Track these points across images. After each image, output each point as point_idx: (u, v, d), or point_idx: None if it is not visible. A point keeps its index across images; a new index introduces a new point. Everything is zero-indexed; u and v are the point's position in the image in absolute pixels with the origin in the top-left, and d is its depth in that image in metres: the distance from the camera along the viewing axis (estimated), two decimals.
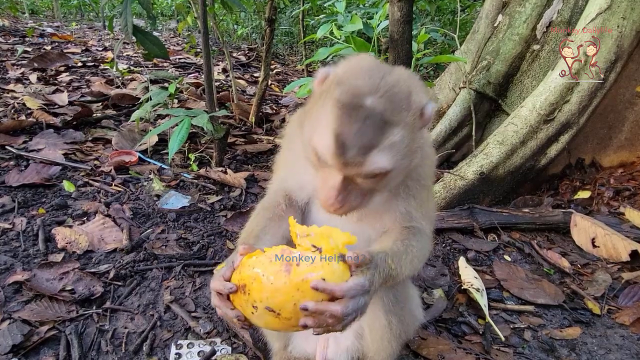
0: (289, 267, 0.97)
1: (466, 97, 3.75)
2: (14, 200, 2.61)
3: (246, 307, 1.02)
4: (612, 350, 1.90)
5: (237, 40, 9.66)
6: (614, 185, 3.14)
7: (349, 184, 1.06)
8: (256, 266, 1.01)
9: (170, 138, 2.81)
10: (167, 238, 2.45)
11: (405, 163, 1.08)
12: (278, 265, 0.98)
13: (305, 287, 0.95)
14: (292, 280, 0.96)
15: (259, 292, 0.98)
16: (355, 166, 1.00)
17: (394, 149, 1.01)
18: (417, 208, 1.29)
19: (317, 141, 1.04)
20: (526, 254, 2.57)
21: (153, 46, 3.21)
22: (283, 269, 0.97)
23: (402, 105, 1.01)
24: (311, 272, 0.96)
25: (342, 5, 3.38)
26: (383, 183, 1.09)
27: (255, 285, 0.99)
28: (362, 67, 1.07)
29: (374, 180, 1.06)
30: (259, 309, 0.98)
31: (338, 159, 0.99)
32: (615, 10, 2.79)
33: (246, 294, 1.01)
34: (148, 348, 1.74)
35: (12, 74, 5.12)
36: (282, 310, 0.97)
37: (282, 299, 0.96)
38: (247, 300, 1.00)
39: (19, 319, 1.77)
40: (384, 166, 1.01)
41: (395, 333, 1.42)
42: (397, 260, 1.14)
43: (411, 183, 1.27)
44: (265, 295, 0.97)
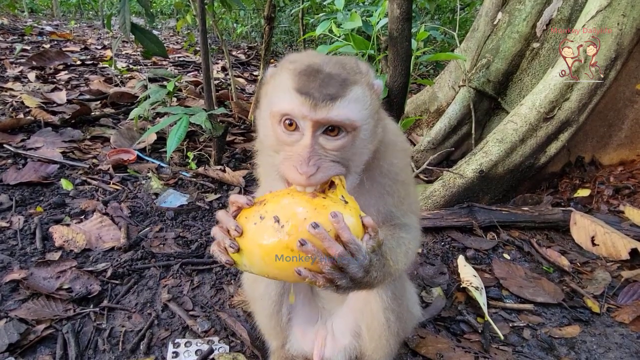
0: (314, 195, 0.99)
1: (466, 95, 3.74)
2: (11, 198, 2.60)
3: (253, 217, 0.99)
4: (612, 348, 1.89)
5: (236, 39, 9.64)
6: (613, 183, 3.13)
7: (319, 148, 1.04)
8: (282, 192, 1.04)
9: (169, 136, 2.80)
10: (165, 236, 2.44)
11: (371, 125, 1.10)
12: (304, 193, 1.01)
13: (324, 213, 0.94)
14: (313, 202, 0.97)
15: (276, 202, 0.98)
16: (325, 109, 1.00)
17: (359, 104, 1.05)
18: (397, 205, 1.29)
19: (279, 102, 1.05)
20: (525, 252, 2.56)
21: (152, 44, 3.19)
22: (308, 195, 0.99)
23: (355, 69, 1.09)
24: (333, 206, 0.97)
25: (342, 3, 3.37)
26: (351, 148, 1.08)
27: (276, 199, 1.00)
28: (309, 52, 1.20)
29: (341, 141, 1.05)
30: (265, 219, 0.96)
31: (305, 103, 1.00)
32: (615, 7, 2.78)
33: (261, 204, 1.00)
34: (145, 347, 1.73)
35: (10, 72, 5.10)
36: (289, 220, 0.94)
37: (295, 212, 0.95)
38: (258, 210, 0.99)
39: (15, 318, 1.76)
40: (352, 115, 1.03)
41: (394, 331, 1.42)
42: (393, 254, 1.14)
43: (384, 180, 1.26)
44: (280, 205, 0.97)
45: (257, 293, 1.55)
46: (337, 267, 0.96)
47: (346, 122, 1.03)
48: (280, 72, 1.11)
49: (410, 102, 4.52)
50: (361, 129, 1.07)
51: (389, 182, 1.26)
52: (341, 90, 1.02)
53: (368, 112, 1.08)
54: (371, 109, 1.10)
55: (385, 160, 1.25)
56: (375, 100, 1.13)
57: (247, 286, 1.70)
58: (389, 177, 1.26)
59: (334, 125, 1.03)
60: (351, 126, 1.04)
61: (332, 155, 1.06)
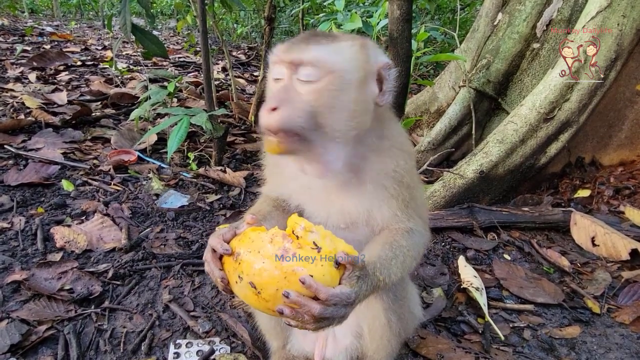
0: (284, 253, 0.98)
1: (466, 95, 3.74)
2: (12, 199, 2.60)
3: (233, 274, 1.03)
4: (612, 349, 1.89)
5: (236, 39, 9.65)
6: (614, 183, 3.14)
7: (291, 90, 1.07)
8: (255, 240, 1.03)
9: (169, 137, 2.81)
10: (166, 237, 2.44)
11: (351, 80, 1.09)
12: (275, 248, 0.99)
13: (293, 279, 0.95)
14: (282, 267, 0.97)
15: (249, 266, 0.99)
16: (297, 51, 1.06)
17: (340, 53, 1.08)
18: (402, 209, 1.26)
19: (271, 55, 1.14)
20: (526, 252, 2.56)
21: (152, 45, 3.20)
22: (278, 254, 0.98)
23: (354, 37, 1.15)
24: (303, 267, 0.96)
25: (342, 3, 3.38)
26: (325, 98, 1.06)
27: (247, 258, 1.00)
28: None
29: (314, 86, 1.06)
30: (243, 280, 1.00)
31: (284, 47, 1.09)
32: (615, 8, 2.78)
33: (237, 262, 1.02)
34: (146, 347, 1.73)
35: (11, 73, 5.11)
36: (263, 290, 0.98)
37: (267, 281, 0.97)
38: (235, 269, 1.02)
39: (17, 319, 1.77)
40: (324, 57, 1.05)
41: (395, 331, 1.42)
42: (385, 270, 1.13)
43: (388, 183, 1.24)
44: (252, 271, 0.99)
45: None
46: (321, 319, 0.98)
47: (315, 62, 1.05)
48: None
49: (410, 103, 4.53)
50: (337, 77, 1.06)
51: (393, 185, 1.24)
52: (325, 39, 1.08)
53: (350, 64, 1.09)
54: (356, 66, 1.09)
55: (389, 161, 1.24)
56: (366, 67, 1.12)
57: None
58: (394, 180, 1.24)
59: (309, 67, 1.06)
60: (323, 68, 1.05)
61: (303, 102, 1.05)
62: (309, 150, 1.11)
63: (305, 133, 1.06)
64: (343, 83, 1.08)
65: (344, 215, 1.29)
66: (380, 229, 1.29)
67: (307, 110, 1.05)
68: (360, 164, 1.23)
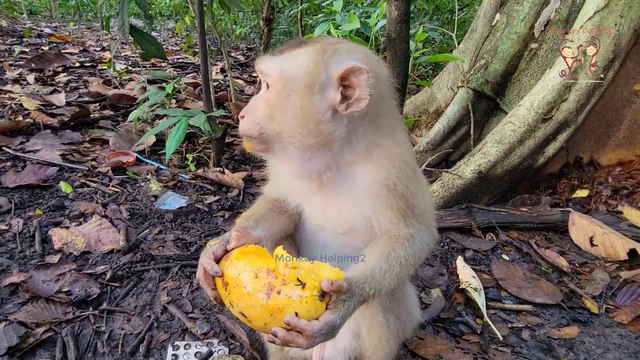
0: (269, 291, 1.00)
1: (464, 96, 3.74)
2: (10, 201, 2.60)
3: (225, 298, 1.08)
4: (610, 349, 1.89)
5: (235, 40, 9.65)
6: (612, 183, 3.14)
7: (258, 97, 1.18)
8: (242, 273, 1.05)
9: (168, 138, 2.81)
10: (164, 239, 2.44)
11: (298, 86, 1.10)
12: (260, 284, 1.01)
13: (279, 316, 0.99)
14: (268, 305, 1.00)
15: (238, 298, 1.04)
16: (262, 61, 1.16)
17: (291, 61, 1.12)
18: (399, 217, 1.23)
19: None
20: (524, 253, 2.57)
21: (150, 46, 3.19)
22: (264, 291, 1.00)
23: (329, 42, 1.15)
24: (288, 306, 0.99)
25: (340, 4, 3.38)
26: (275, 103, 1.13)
27: (236, 291, 1.04)
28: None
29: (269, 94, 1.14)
30: (234, 308, 1.05)
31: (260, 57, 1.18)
32: (612, 8, 2.79)
33: (227, 291, 1.06)
34: (145, 349, 1.73)
35: (9, 75, 5.10)
36: (253, 321, 1.04)
37: (256, 315, 1.02)
38: (227, 297, 1.07)
39: (15, 321, 1.76)
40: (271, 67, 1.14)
41: (393, 332, 1.42)
42: (376, 284, 1.12)
43: (380, 191, 1.20)
44: (242, 304, 1.03)
45: None
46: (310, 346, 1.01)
47: (268, 70, 1.14)
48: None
49: (408, 103, 4.53)
50: (285, 84, 1.11)
51: (386, 194, 1.20)
52: (291, 47, 1.14)
53: (299, 70, 1.10)
54: (305, 70, 1.10)
55: (382, 169, 1.20)
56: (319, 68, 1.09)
57: None
58: (387, 189, 1.20)
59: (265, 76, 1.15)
60: (274, 76, 1.12)
61: (261, 107, 1.16)
62: (273, 152, 1.20)
63: (263, 138, 1.17)
64: (290, 90, 1.11)
65: (341, 221, 1.28)
66: (380, 234, 1.27)
67: (262, 117, 1.15)
68: (347, 171, 1.21)
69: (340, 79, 1.10)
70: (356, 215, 1.25)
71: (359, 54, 1.14)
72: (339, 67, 1.09)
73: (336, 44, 1.14)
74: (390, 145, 1.22)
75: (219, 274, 1.08)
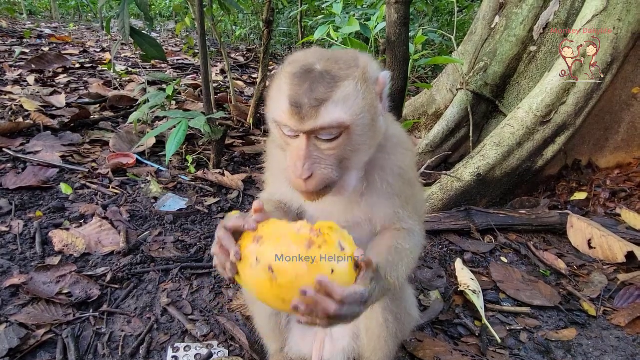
0: (311, 244, 0.97)
1: (463, 98, 3.76)
2: (11, 203, 2.60)
3: (249, 256, 1.00)
4: (608, 351, 1.90)
5: (235, 42, 9.66)
6: (610, 186, 3.15)
7: (314, 151, 1.07)
8: (281, 227, 1.02)
9: (168, 140, 2.82)
10: (164, 240, 2.45)
11: (366, 120, 1.09)
12: (302, 238, 0.98)
13: (314, 272, 0.94)
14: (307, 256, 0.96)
15: (273, 248, 0.98)
16: (311, 119, 1.02)
17: (349, 102, 1.05)
18: (404, 206, 1.29)
19: (276, 111, 1.09)
20: (522, 255, 2.58)
21: (151, 48, 3.21)
22: (305, 243, 0.97)
23: (349, 63, 1.08)
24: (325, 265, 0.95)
25: (340, 6, 3.39)
26: (347, 147, 1.09)
27: (273, 241, 0.99)
28: (311, 50, 1.19)
29: (336, 142, 1.07)
30: (260, 263, 0.97)
31: (294, 115, 1.03)
32: (611, 12, 2.80)
33: (259, 244, 1.00)
34: (145, 351, 1.74)
35: (9, 76, 5.11)
36: (280, 276, 0.95)
37: (289, 267, 0.95)
38: (255, 251, 0.99)
39: (15, 323, 1.77)
40: (339, 117, 1.04)
41: (392, 332, 1.43)
42: (394, 273, 1.14)
43: (393, 179, 1.27)
44: (274, 253, 0.96)
45: None
46: (334, 317, 0.96)
47: (334, 125, 1.04)
48: (280, 73, 1.13)
49: (408, 105, 4.54)
50: (354, 126, 1.08)
51: (397, 182, 1.27)
52: (328, 91, 1.03)
53: (361, 107, 1.07)
54: (365, 103, 1.08)
55: (394, 159, 1.27)
56: (370, 94, 1.10)
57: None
58: (398, 176, 1.27)
59: (325, 130, 1.05)
60: (342, 126, 1.05)
61: (329, 157, 1.08)
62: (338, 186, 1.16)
63: (339, 179, 1.12)
64: (362, 128, 1.10)
65: (346, 214, 1.30)
66: (381, 228, 1.31)
67: (336, 163, 1.09)
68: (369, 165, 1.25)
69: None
70: (364, 206, 1.28)
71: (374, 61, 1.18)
72: (378, 85, 1.14)
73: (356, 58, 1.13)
74: (398, 135, 1.30)
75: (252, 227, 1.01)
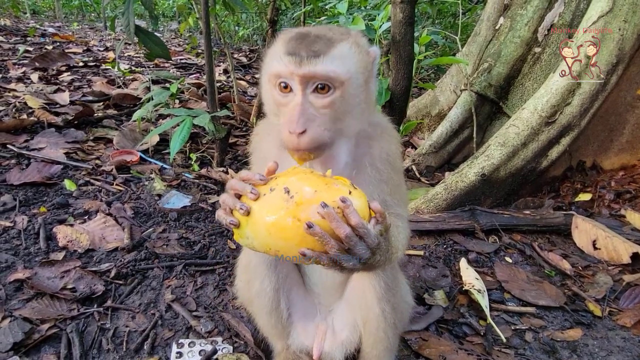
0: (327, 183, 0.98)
1: (467, 99, 3.75)
2: (15, 198, 2.60)
3: (262, 189, 0.98)
4: (613, 352, 1.89)
5: (238, 42, 9.67)
6: (615, 187, 3.15)
7: (309, 107, 1.11)
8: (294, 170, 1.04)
9: (172, 138, 2.82)
10: (168, 237, 2.44)
11: (359, 82, 1.15)
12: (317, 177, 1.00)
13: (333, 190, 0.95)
14: (324, 179, 0.97)
15: (287, 177, 0.98)
16: (309, 65, 1.07)
17: (345, 59, 1.12)
18: (392, 194, 1.32)
19: (272, 64, 1.15)
20: (527, 255, 2.57)
21: (155, 47, 3.21)
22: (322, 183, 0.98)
23: (342, 32, 1.17)
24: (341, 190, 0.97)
25: (344, 6, 3.39)
26: (341, 105, 1.13)
27: (287, 175, 1.00)
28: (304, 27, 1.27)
29: (330, 98, 1.11)
30: (275, 190, 0.95)
31: (292, 62, 1.08)
32: (617, 13, 2.80)
33: (272, 180, 1.00)
34: (149, 347, 1.73)
35: (13, 73, 5.12)
36: (298, 193, 0.93)
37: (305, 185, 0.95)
38: (268, 184, 0.98)
39: (20, 317, 1.77)
40: (336, 69, 1.09)
41: (390, 322, 1.42)
42: (395, 240, 1.17)
43: (382, 166, 1.30)
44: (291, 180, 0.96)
45: (253, 291, 1.52)
46: (343, 249, 0.96)
47: (331, 74, 1.09)
48: (276, 41, 1.20)
49: (411, 106, 4.54)
50: (349, 84, 1.13)
51: (385, 168, 1.30)
52: (326, 47, 1.10)
53: (355, 67, 1.14)
54: (359, 65, 1.15)
55: (381, 145, 1.31)
56: (364, 57, 1.17)
57: (241, 288, 1.66)
58: (387, 163, 1.31)
59: (322, 81, 1.10)
60: (337, 80, 1.10)
61: (323, 115, 1.12)
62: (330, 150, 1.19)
63: (331, 141, 1.15)
64: (355, 88, 1.15)
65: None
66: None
67: (329, 121, 1.13)
68: (358, 151, 1.30)
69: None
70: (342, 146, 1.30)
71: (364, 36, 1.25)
72: (372, 52, 1.21)
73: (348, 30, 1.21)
74: (383, 123, 1.37)
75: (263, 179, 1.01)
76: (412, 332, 1.90)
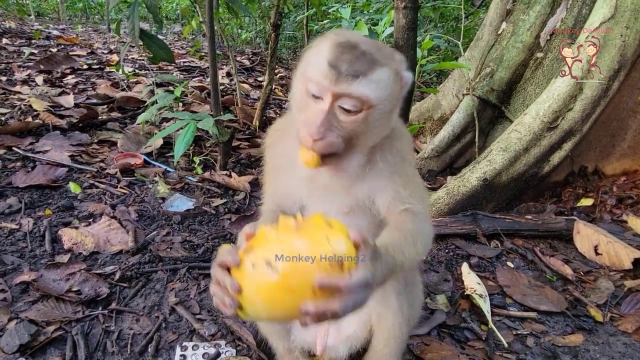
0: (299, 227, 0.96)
1: (469, 103, 3.77)
2: (20, 201, 2.63)
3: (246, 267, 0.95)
4: (615, 357, 1.90)
5: (240, 45, 9.71)
6: (616, 193, 3.15)
7: (332, 118, 1.13)
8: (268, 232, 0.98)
9: (176, 141, 2.84)
10: (172, 240, 2.46)
11: (386, 108, 1.17)
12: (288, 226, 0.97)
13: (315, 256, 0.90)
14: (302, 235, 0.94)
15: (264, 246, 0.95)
16: (345, 83, 1.08)
17: (381, 85, 1.12)
18: (404, 186, 1.30)
19: (311, 68, 1.14)
20: (529, 260, 2.58)
21: (159, 50, 3.24)
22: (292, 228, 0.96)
23: (388, 54, 1.17)
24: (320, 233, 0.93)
25: (347, 11, 3.42)
26: (363, 125, 1.15)
27: (261, 242, 0.96)
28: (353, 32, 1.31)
29: (355, 117, 1.13)
30: (257, 264, 0.92)
31: (329, 76, 1.08)
32: (619, 19, 2.82)
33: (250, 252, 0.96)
34: (153, 349, 1.75)
35: (18, 76, 5.16)
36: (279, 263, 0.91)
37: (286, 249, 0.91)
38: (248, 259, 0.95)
39: (25, 319, 1.79)
40: (370, 94, 1.10)
41: (406, 317, 1.42)
42: (398, 250, 1.10)
43: (391, 157, 1.30)
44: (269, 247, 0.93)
45: None
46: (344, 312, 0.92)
47: (363, 98, 1.10)
48: (323, 41, 1.18)
49: (414, 110, 4.56)
50: (376, 109, 1.14)
51: (396, 160, 1.31)
52: (368, 68, 1.10)
53: (387, 94, 1.15)
54: (390, 92, 1.16)
55: (392, 141, 1.33)
56: (397, 87, 1.19)
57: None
58: (397, 155, 1.32)
59: (352, 101, 1.11)
60: (367, 103, 1.12)
61: (342, 129, 1.14)
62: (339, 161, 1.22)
63: (341, 152, 1.18)
64: (381, 114, 1.17)
65: (347, 197, 1.33)
66: (384, 213, 1.32)
67: (346, 136, 1.15)
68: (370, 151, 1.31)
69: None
70: (365, 189, 1.32)
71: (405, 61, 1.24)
72: (406, 82, 1.23)
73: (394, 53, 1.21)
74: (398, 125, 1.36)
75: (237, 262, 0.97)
76: (414, 337, 1.91)
